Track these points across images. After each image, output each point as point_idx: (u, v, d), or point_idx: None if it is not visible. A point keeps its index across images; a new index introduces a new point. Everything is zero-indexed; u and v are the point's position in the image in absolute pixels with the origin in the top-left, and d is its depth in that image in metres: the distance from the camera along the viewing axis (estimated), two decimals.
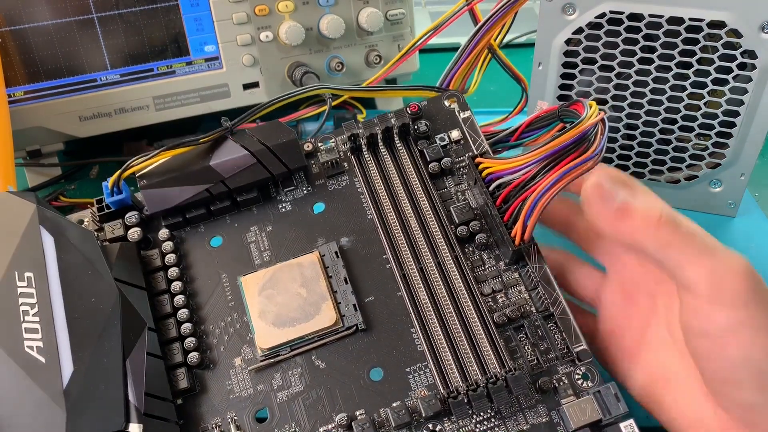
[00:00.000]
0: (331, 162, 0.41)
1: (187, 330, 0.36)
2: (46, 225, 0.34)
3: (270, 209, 0.40)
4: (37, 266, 0.33)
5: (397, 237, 0.38)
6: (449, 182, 0.40)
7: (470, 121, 0.42)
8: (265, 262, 0.39)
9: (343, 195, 0.40)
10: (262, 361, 0.36)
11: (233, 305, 0.38)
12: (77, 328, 0.32)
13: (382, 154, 0.41)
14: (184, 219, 0.39)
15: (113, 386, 0.31)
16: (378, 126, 0.41)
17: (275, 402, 0.35)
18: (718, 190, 0.51)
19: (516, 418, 0.34)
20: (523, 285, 0.37)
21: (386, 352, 0.36)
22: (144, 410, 0.31)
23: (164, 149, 0.38)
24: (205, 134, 0.39)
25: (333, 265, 0.38)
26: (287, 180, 0.41)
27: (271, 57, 0.58)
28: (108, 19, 0.53)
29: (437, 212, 0.39)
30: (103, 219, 0.39)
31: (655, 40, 0.46)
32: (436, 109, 0.42)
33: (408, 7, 0.61)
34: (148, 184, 0.38)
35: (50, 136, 0.55)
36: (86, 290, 0.33)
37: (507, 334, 0.36)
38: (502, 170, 0.36)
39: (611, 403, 0.32)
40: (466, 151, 0.41)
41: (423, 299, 0.37)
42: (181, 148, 0.39)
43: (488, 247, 0.38)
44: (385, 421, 0.34)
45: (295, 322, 0.36)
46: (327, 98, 0.43)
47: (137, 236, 0.38)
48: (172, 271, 0.38)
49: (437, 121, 0.42)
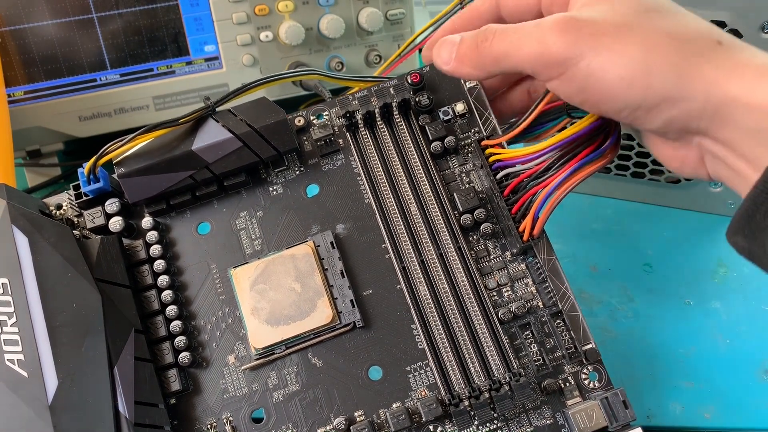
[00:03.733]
0: (325, 139, 0.38)
1: (177, 328, 0.35)
2: (18, 224, 0.31)
3: (260, 192, 0.38)
4: (11, 271, 0.30)
5: (396, 225, 0.36)
6: (453, 162, 0.38)
7: (477, 91, 0.38)
8: (256, 251, 0.37)
9: (338, 176, 0.38)
10: (256, 359, 0.34)
11: (224, 299, 0.36)
12: (59, 337, 0.30)
13: (381, 131, 0.38)
14: (168, 205, 0.37)
15: (101, 397, 0.30)
16: (375, 100, 0.38)
17: (271, 402, 0.34)
18: (718, 190, 0.50)
19: (519, 420, 0.33)
20: (531, 278, 0.35)
21: (385, 350, 0.34)
22: (135, 420, 0.30)
23: (142, 132, 0.35)
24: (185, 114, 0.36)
25: (328, 256, 0.36)
26: (278, 160, 0.38)
27: (271, 57, 0.57)
28: (108, 19, 0.52)
29: (440, 197, 0.36)
30: (82, 206, 0.36)
31: None
32: (439, 78, 0.39)
33: (408, 7, 0.60)
34: (127, 171, 0.35)
35: (50, 136, 0.55)
36: (66, 294, 0.31)
37: (512, 331, 0.34)
38: (513, 158, 0.34)
39: (619, 410, 0.31)
40: (471, 127, 0.38)
41: (424, 294, 0.35)
42: (160, 130, 0.36)
43: (494, 236, 0.36)
44: (384, 423, 0.33)
45: (290, 320, 0.35)
46: (327, 98, 0.40)
47: (119, 226, 0.36)
48: (158, 264, 0.36)
49: (440, 91, 0.39)
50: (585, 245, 0.50)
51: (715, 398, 0.40)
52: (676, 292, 0.46)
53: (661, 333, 0.43)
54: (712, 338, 0.43)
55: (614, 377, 0.33)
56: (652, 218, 0.52)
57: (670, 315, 0.45)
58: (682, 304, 0.46)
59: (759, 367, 0.41)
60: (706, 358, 0.42)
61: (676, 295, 0.46)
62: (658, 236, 0.50)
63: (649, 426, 0.35)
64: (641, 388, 0.40)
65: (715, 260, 0.48)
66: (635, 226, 0.51)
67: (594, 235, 0.51)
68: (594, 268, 0.48)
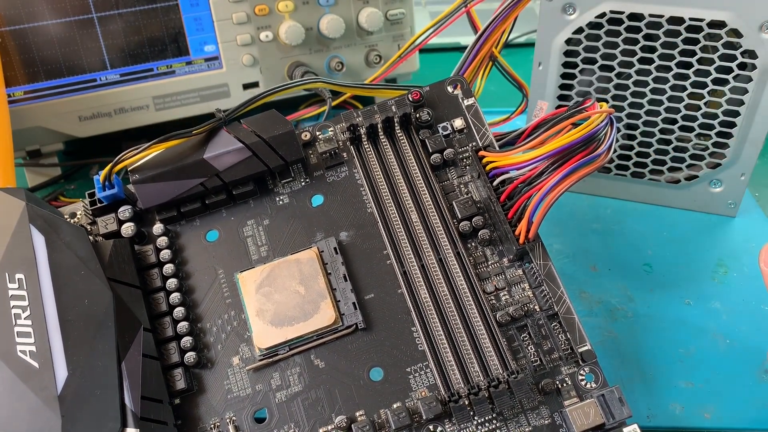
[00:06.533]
0: (330, 152, 0.40)
1: (184, 329, 0.35)
2: (36, 223, 0.33)
3: (267, 202, 0.39)
4: (28, 267, 0.32)
5: (397, 232, 0.38)
6: (452, 174, 0.40)
7: (474, 108, 0.41)
8: (262, 257, 0.38)
9: (342, 187, 0.40)
10: (260, 360, 0.35)
11: (230, 302, 0.37)
12: (71, 331, 0.31)
13: (383, 145, 0.40)
14: (179, 213, 0.38)
15: (109, 390, 0.30)
16: (378, 115, 0.40)
17: (274, 402, 0.35)
18: (719, 190, 0.51)
19: (518, 420, 0.33)
20: (527, 282, 0.37)
21: (386, 352, 0.35)
22: (141, 414, 0.31)
23: (156, 142, 0.37)
24: (198, 126, 0.38)
25: (332, 261, 0.37)
26: (285, 171, 0.40)
27: (271, 57, 0.57)
28: (108, 19, 0.53)
29: (439, 206, 0.38)
30: (96, 213, 0.38)
31: (655, 40, 0.46)
32: (438, 96, 0.41)
33: (408, 7, 0.61)
34: (141, 178, 0.37)
35: (50, 136, 0.55)
36: (79, 291, 0.32)
37: (510, 334, 0.35)
38: (508, 165, 0.36)
39: (615, 407, 0.32)
40: (469, 141, 0.40)
41: (424, 297, 0.36)
42: (173, 141, 0.37)
43: (492, 243, 0.37)
44: (385, 422, 0.33)
45: (294, 321, 0.35)
46: (327, 98, 0.41)
47: (131, 231, 0.37)
48: (167, 268, 0.37)
49: (440, 108, 0.41)
50: (585, 245, 0.50)
51: (715, 398, 0.40)
52: (676, 293, 0.46)
53: (661, 333, 0.44)
54: (712, 338, 0.43)
55: (614, 377, 0.33)
56: (652, 218, 0.52)
57: (670, 315, 0.45)
58: (681, 304, 0.46)
59: (759, 367, 0.41)
60: (706, 358, 0.42)
61: (676, 296, 0.46)
62: (658, 236, 0.51)
63: (648, 426, 0.35)
64: (641, 388, 0.40)
65: (715, 260, 0.48)
66: (635, 226, 0.52)
67: (594, 235, 0.51)
68: (594, 268, 0.48)
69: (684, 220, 0.52)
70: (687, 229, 0.51)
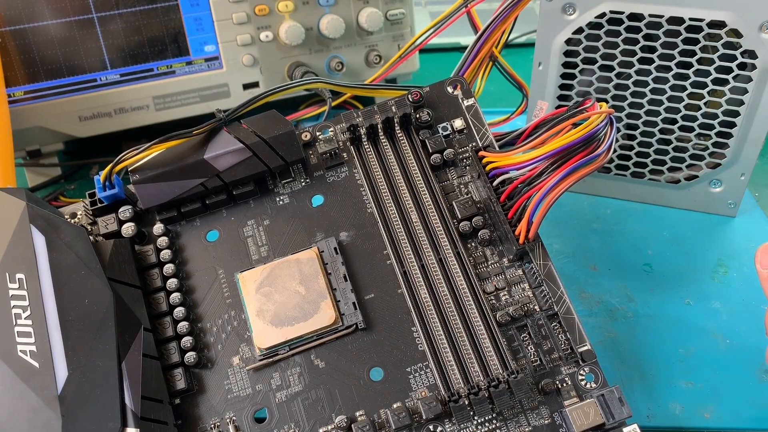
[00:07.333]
0: (330, 152, 0.40)
1: (184, 329, 0.35)
2: (36, 223, 0.33)
3: (267, 202, 0.39)
4: (28, 267, 0.32)
5: (397, 232, 0.38)
6: (452, 174, 0.40)
7: (474, 109, 0.41)
8: (262, 258, 0.38)
9: (342, 187, 0.40)
10: (260, 360, 0.35)
11: (231, 302, 0.37)
12: (71, 330, 0.31)
13: (383, 145, 0.40)
14: (179, 213, 0.38)
15: (109, 390, 0.30)
16: (378, 115, 0.40)
17: (274, 402, 0.35)
18: (719, 190, 0.51)
19: (518, 420, 0.33)
20: (527, 283, 0.37)
21: (386, 352, 0.35)
22: (141, 414, 0.31)
23: (156, 142, 0.37)
24: (198, 126, 0.38)
25: (332, 261, 0.37)
26: (285, 172, 0.40)
27: (271, 57, 0.58)
28: (108, 19, 0.53)
29: (439, 206, 0.38)
30: (96, 213, 0.38)
31: (655, 40, 0.46)
32: (438, 96, 0.41)
33: (408, 7, 0.61)
34: (141, 178, 0.37)
35: (50, 136, 0.55)
36: (79, 291, 0.32)
37: (510, 334, 0.35)
38: (508, 165, 0.36)
39: (615, 406, 0.32)
40: (469, 141, 0.40)
41: (424, 297, 0.36)
42: (173, 141, 0.38)
43: (491, 243, 0.37)
44: (385, 422, 0.33)
45: (294, 321, 0.36)
46: (327, 98, 0.42)
47: (131, 231, 0.37)
48: (167, 268, 0.37)
49: (440, 109, 0.41)
50: (585, 245, 0.50)
51: (715, 398, 0.40)
52: (676, 293, 0.46)
53: (661, 333, 0.44)
54: (712, 338, 0.44)
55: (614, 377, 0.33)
56: (652, 218, 0.52)
57: (670, 315, 0.45)
58: (681, 304, 0.46)
59: (759, 367, 0.42)
60: (706, 358, 0.42)
61: (676, 295, 0.46)
62: (658, 236, 0.51)
63: (648, 426, 0.35)
64: (641, 387, 0.40)
65: (715, 260, 0.48)
66: (635, 226, 0.52)
67: (594, 235, 0.51)
68: (594, 268, 0.48)
69: (684, 220, 0.52)
70: (687, 229, 0.52)
